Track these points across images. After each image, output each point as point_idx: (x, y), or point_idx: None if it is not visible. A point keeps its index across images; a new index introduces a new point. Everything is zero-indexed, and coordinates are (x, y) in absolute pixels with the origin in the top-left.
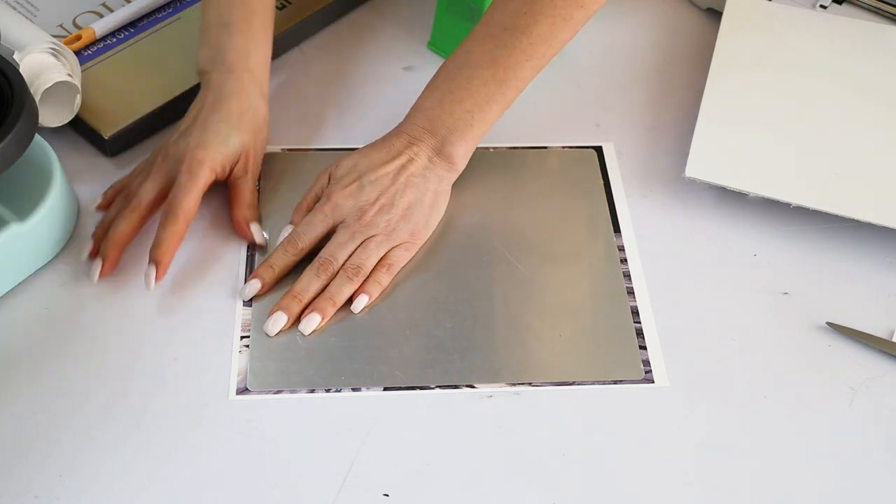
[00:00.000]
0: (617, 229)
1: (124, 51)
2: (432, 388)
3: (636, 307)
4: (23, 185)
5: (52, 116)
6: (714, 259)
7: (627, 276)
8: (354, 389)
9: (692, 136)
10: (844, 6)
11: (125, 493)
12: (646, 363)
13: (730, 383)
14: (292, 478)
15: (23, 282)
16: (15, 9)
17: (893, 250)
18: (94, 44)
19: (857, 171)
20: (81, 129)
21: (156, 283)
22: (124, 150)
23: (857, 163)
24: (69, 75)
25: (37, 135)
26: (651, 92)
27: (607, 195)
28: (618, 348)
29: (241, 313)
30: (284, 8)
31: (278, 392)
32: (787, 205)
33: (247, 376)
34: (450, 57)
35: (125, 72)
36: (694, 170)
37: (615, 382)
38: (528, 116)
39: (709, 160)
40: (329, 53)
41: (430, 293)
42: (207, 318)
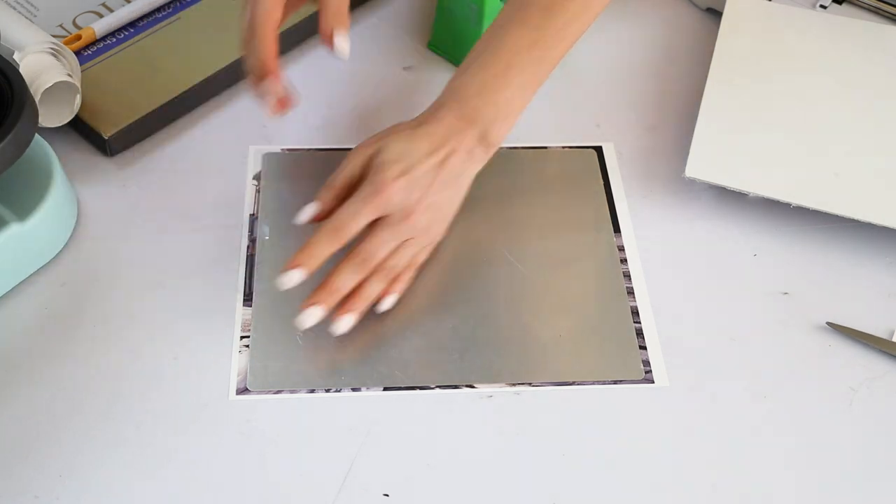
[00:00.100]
0: (617, 229)
1: (124, 51)
2: (432, 388)
3: (636, 307)
4: (23, 185)
5: (52, 116)
6: (714, 259)
7: (627, 276)
8: (354, 389)
9: (692, 136)
10: (844, 6)
11: (125, 493)
12: (646, 363)
13: (730, 383)
14: (292, 478)
15: (23, 282)
16: (15, 9)
17: (893, 250)
18: (94, 44)
19: (857, 171)
20: (81, 129)
21: (275, 85)
22: (124, 150)
23: (857, 163)
24: (69, 75)
25: (37, 135)
26: (651, 92)
27: (607, 195)
28: (618, 348)
29: (241, 313)
30: None
31: (278, 392)
32: (787, 205)
33: (247, 376)
34: (483, 39)
35: (125, 72)
36: (694, 170)
37: (615, 382)
38: (528, 116)
39: (709, 160)
40: (329, 53)
41: (430, 293)
42: (207, 318)
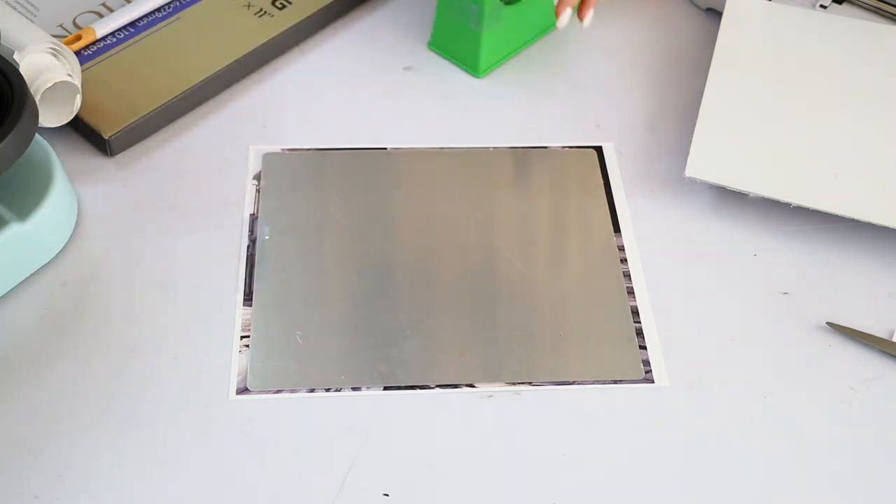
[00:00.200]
0: (617, 229)
1: (124, 51)
2: (432, 388)
3: (636, 307)
4: (23, 185)
5: (52, 116)
6: (714, 259)
7: (627, 276)
8: (354, 389)
9: (692, 136)
10: (844, 6)
11: (125, 492)
12: (646, 363)
13: (730, 383)
14: (292, 477)
15: (23, 282)
16: (15, 9)
17: (893, 250)
18: (94, 44)
19: (857, 171)
20: (81, 129)
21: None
22: (124, 149)
23: (857, 163)
24: (69, 75)
25: (37, 135)
26: (651, 92)
27: (607, 195)
28: (618, 348)
29: (242, 313)
30: (284, 8)
31: (278, 392)
32: (787, 205)
33: (247, 376)
34: None
35: (125, 72)
36: (694, 170)
37: (615, 382)
38: (528, 116)
39: (709, 160)
40: (329, 53)
41: (431, 293)
42: (207, 318)
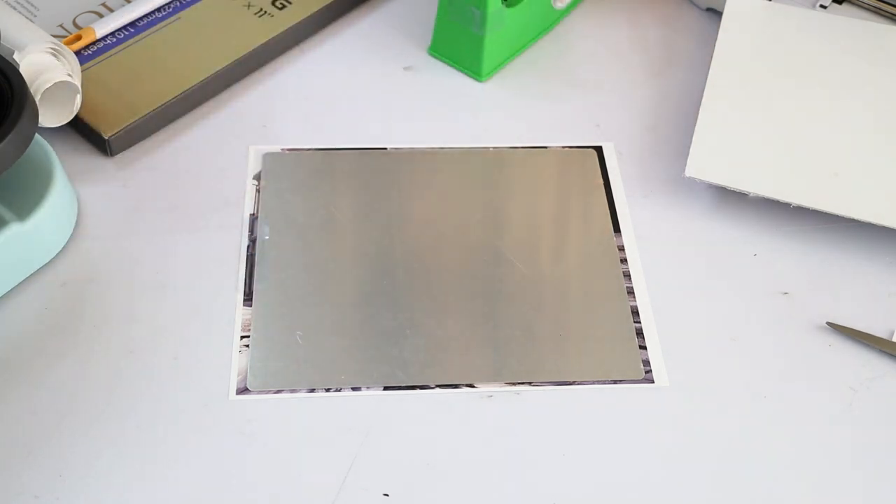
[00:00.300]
0: (617, 229)
1: (124, 51)
2: (432, 388)
3: (636, 307)
4: (23, 185)
5: (52, 116)
6: (714, 259)
7: (627, 276)
8: (354, 389)
9: (692, 136)
10: (844, 6)
11: (125, 492)
12: (646, 363)
13: (730, 383)
14: (292, 478)
15: (23, 282)
16: (15, 9)
17: (893, 250)
18: (94, 44)
19: (857, 171)
20: (81, 129)
21: None
22: (124, 149)
23: (857, 163)
24: (69, 75)
25: (37, 135)
26: (651, 92)
27: (607, 195)
28: (618, 348)
29: (241, 313)
30: (284, 8)
31: (278, 392)
32: (787, 205)
33: (247, 376)
34: None
35: (125, 72)
36: (694, 170)
37: (615, 382)
38: (528, 116)
39: (709, 160)
40: (329, 53)
41: (431, 293)
42: (207, 318)
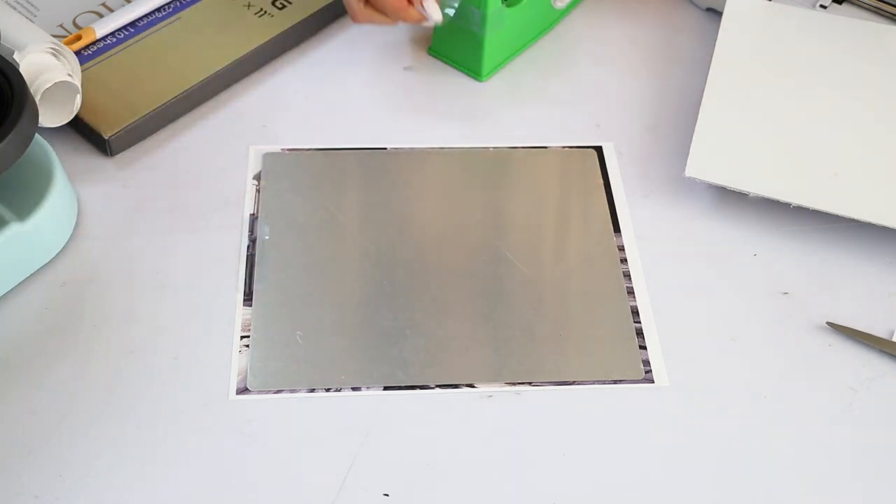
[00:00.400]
0: (617, 229)
1: (124, 51)
2: (432, 388)
3: (636, 307)
4: (23, 185)
5: (52, 116)
6: (714, 259)
7: (627, 276)
8: (354, 389)
9: (692, 136)
10: (844, 6)
11: (124, 492)
12: (646, 363)
13: (730, 383)
14: (292, 478)
15: (23, 282)
16: (15, 9)
17: (893, 250)
18: (94, 44)
19: (857, 171)
20: (81, 129)
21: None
22: (124, 149)
23: (857, 163)
24: (69, 75)
25: (37, 135)
26: (651, 92)
27: (607, 195)
28: (618, 348)
29: (241, 313)
30: (284, 8)
31: (278, 392)
32: (787, 205)
33: (247, 376)
34: None
35: (125, 72)
36: (694, 170)
37: (615, 382)
38: (528, 116)
39: (709, 160)
40: (329, 53)
41: (431, 293)
42: (207, 318)
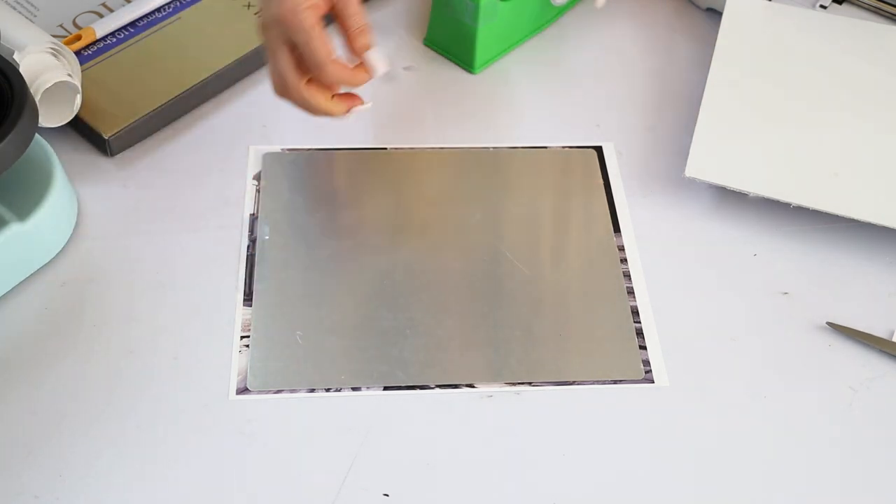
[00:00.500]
0: (617, 229)
1: (124, 51)
2: (432, 388)
3: (636, 307)
4: (23, 185)
5: (52, 116)
6: (714, 259)
7: (627, 276)
8: (354, 389)
9: (692, 136)
10: (844, 6)
11: (124, 492)
12: (646, 363)
13: (730, 383)
14: (292, 478)
15: (23, 282)
16: (15, 9)
17: (893, 250)
18: (94, 44)
19: (857, 171)
20: (81, 129)
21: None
22: (124, 149)
23: (857, 163)
24: (69, 75)
25: (37, 135)
26: (651, 92)
27: (607, 195)
28: (618, 348)
29: (242, 313)
30: None
31: (278, 392)
32: (787, 205)
33: (247, 376)
34: None
35: (125, 72)
36: (694, 170)
37: (615, 382)
38: (528, 116)
39: (709, 160)
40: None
41: (431, 293)
42: (207, 318)
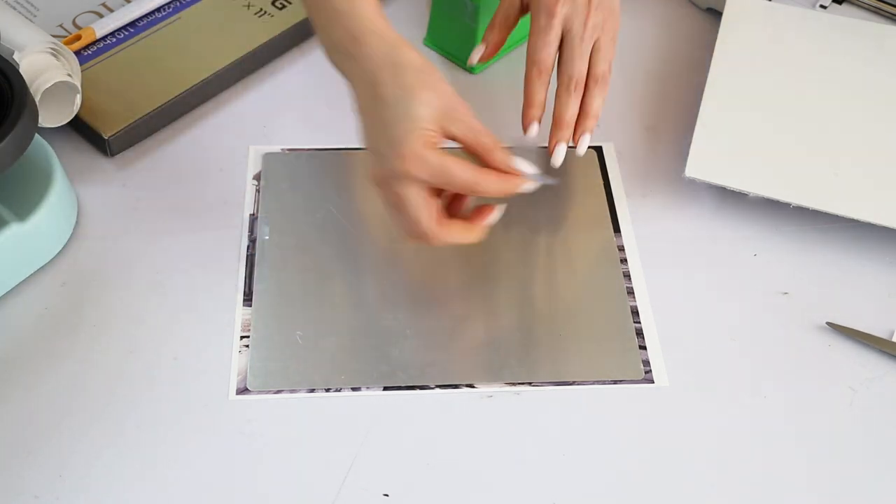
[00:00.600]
0: (617, 229)
1: (124, 51)
2: (432, 388)
3: (636, 307)
4: (23, 185)
5: (52, 116)
6: (714, 259)
7: (627, 276)
8: (354, 389)
9: (692, 136)
10: (844, 6)
11: (124, 492)
12: (646, 363)
13: (730, 383)
14: (292, 477)
15: (23, 282)
16: (15, 9)
17: (893, 250)
18: (94, 44)
19: (857, 171)
20: (81, 129)
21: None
22: (124, 149)
23: (857, 163)
24: (69, 75)
25: (37, 135)
26: (651, 92)
27: (607, 195)
28: (618, 348)
29: (241, 313)
30: (284, 8)
31: (278, 392)
32: (787, 205)
33: (247, 376)
34: None
35: (125, 72)
36: (694, 170)
37: (615, 382)
38: None
39: (709, 160)
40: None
41: (431, 293)
42: (207, 318)
